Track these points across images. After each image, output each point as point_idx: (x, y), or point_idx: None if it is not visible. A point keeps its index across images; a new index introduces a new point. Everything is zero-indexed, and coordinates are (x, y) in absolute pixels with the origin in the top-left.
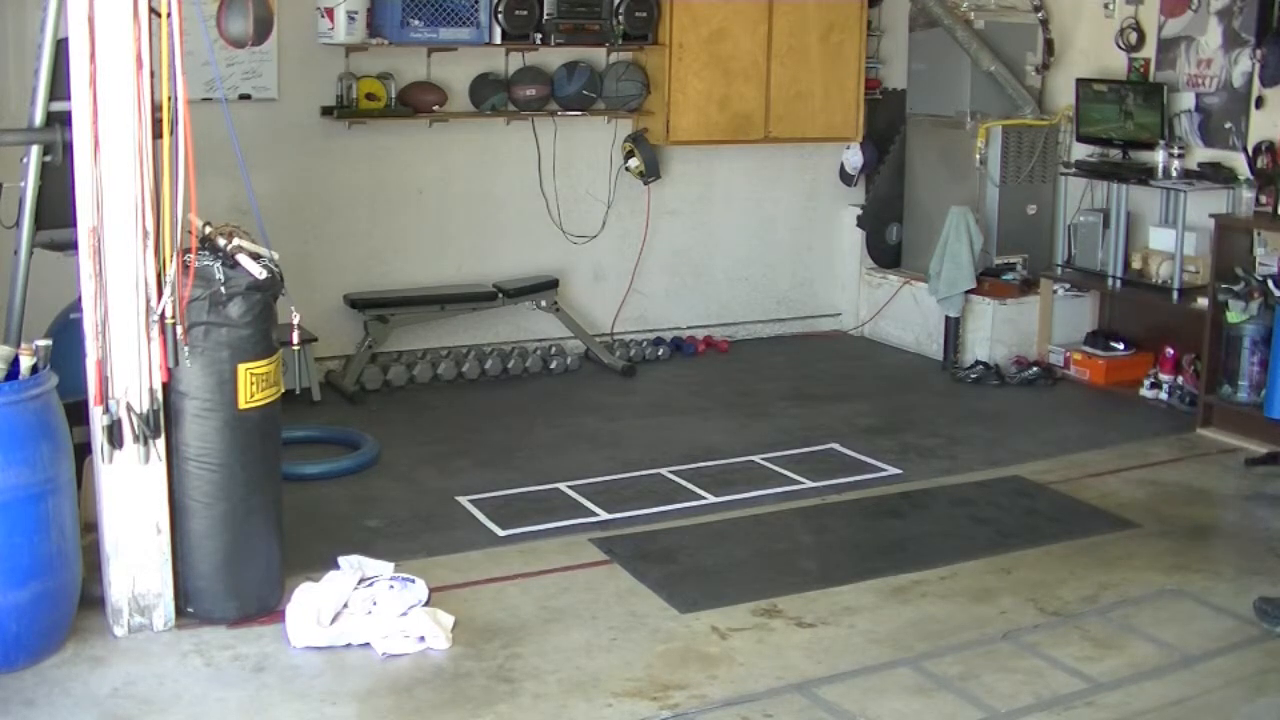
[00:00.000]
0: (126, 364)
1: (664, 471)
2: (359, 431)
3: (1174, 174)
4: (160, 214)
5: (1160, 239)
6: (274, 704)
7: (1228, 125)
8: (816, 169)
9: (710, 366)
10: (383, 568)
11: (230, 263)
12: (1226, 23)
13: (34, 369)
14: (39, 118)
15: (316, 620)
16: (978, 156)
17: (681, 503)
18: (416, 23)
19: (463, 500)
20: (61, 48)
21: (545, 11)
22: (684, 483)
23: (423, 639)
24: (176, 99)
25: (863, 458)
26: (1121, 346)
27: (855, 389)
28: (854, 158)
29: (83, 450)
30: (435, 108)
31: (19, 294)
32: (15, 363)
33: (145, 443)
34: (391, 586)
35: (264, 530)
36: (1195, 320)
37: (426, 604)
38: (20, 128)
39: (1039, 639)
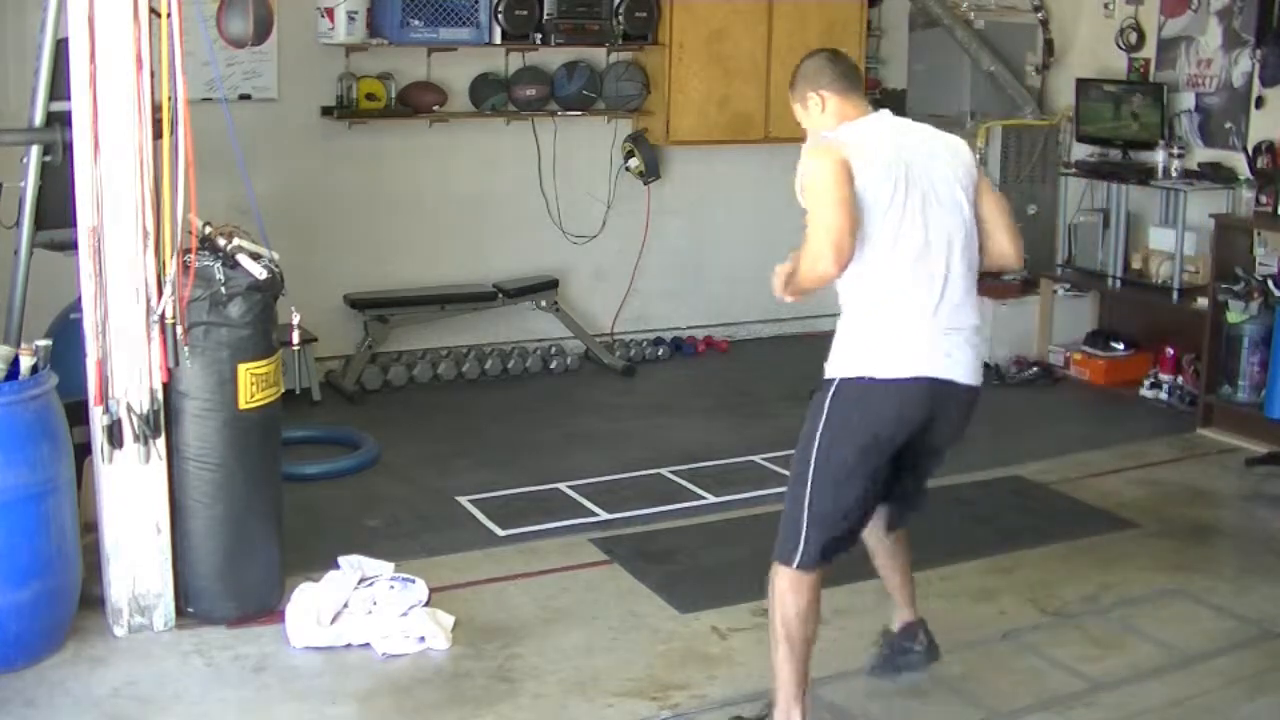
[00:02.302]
0: (126, 364)
1: (664, 471)
2: (359, 431)
3: (1174, 174)
4: (160, 214)
5: (1160, 239)
6: (274, 704)
7: (1228, 125)
8: None
9: (710, 366)
10: (383, 568)
11: (230, 263)
12: (1226, 23)
13: (34, 369)
14: (39, 118)
15: (316, 620)
16: (978, 156)
17: (681, 503)
18: (416, 23)
19: (463, 500)
20: (61, 48)
21: (545, 11)
22: (684, 483)
23: (423, 639)
24: (176, 99)
25: None
26: (1121, 346)
27: None
28: None
29: (83, 450)
30: (435, 108)
31: (19, 294)
32: (15, 363)
33: (145, 443)
34: (391, 586)
35: (264, 530)
36: (1195, 320)
37: (426, 604)
38: (20, 128)
39: (1039, 639)
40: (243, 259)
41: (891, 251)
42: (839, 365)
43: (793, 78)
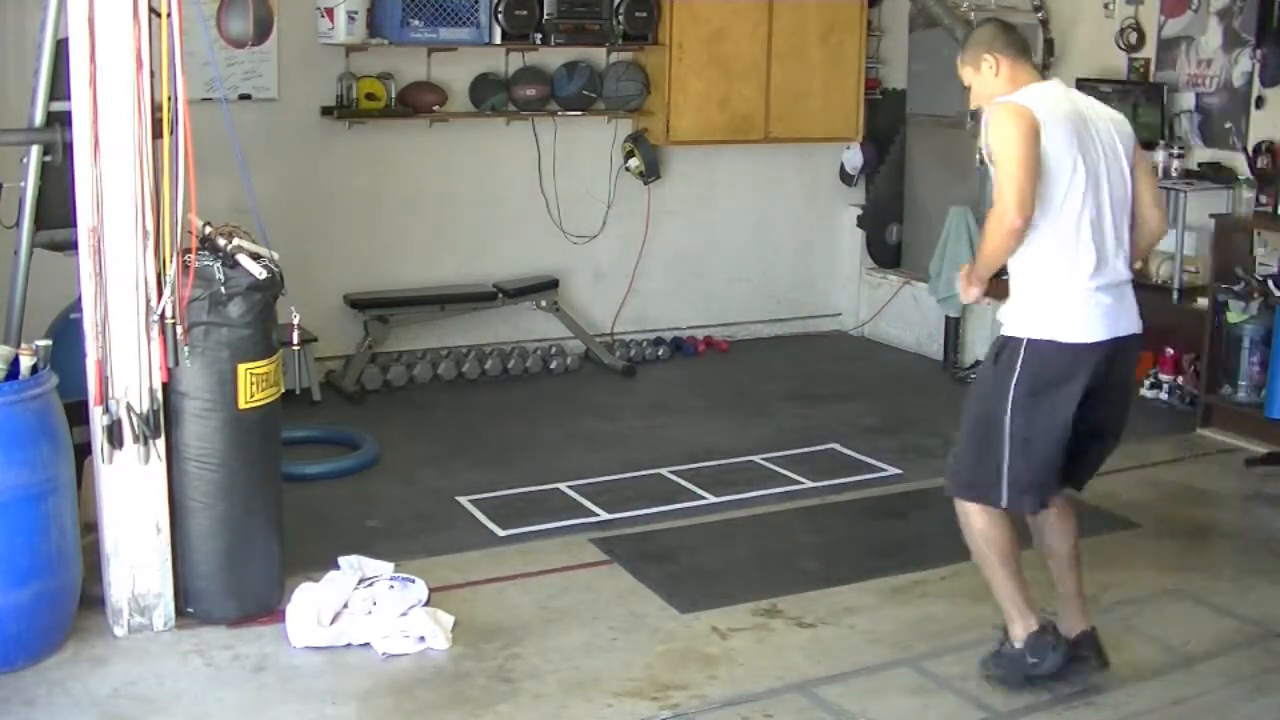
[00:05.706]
0: (126, 364)
1: (664, 471)
2: (359, 431)
3: (1174, 174)
4: (160, 214)
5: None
6: (274, 704)
7: (1228, 125)
8: (816, 169)
9: (710, 366)
10: (383, 568)
11: (230, 263)
12: (1226, 23)
13: (34, 369)
14: (39, 118)
15: (316, 620)
16: (978, 156)
17: (681, 503)
18: (416, 23)
19: (463, 500)
20: (61, 48)
21: (545, 11)
22: (684, 483)
23: (423, 639)
24: (176, 99)
25: (863, 458)
26: None
27: (855, 389)
28: (854, 158)
29: (83, 450)
30: (435, 108)
31: (19, 294)
32: (15, 363)
33: (145, 443)
34: (391, 586)
35: (264, 530)
36: (1195, 320)
37: (426, 604)
38: (20, 128)
39: None
40: (243, 259)
41: (1061, 210)
42: (1021, 324)
43: (963, 45)
